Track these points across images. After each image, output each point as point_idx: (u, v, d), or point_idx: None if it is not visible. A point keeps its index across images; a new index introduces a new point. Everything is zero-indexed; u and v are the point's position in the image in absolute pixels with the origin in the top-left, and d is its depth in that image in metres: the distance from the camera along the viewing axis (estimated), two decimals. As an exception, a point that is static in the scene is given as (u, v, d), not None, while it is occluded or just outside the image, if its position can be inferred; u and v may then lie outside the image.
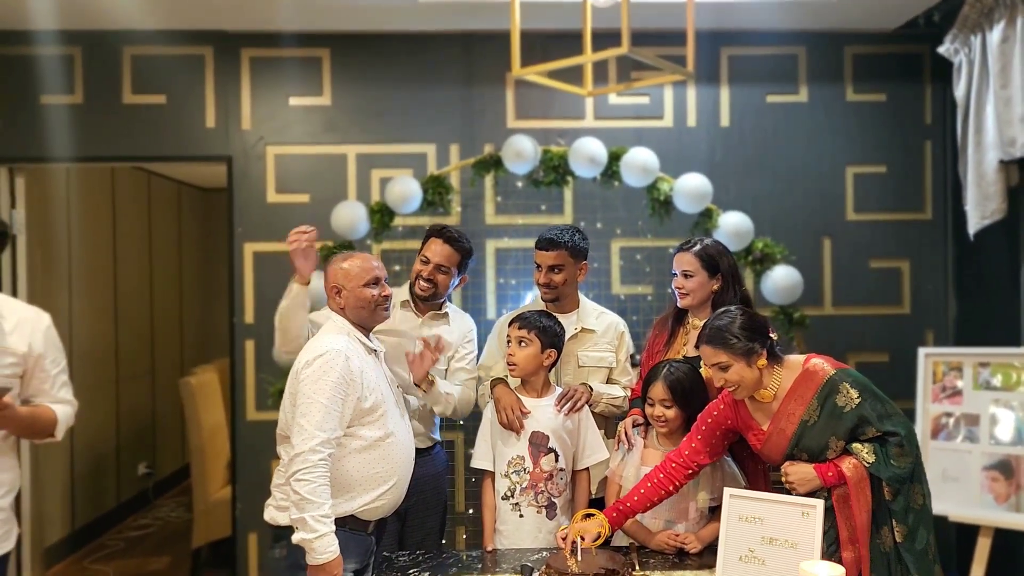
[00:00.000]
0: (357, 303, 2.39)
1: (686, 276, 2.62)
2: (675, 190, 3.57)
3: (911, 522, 2.11)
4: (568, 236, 2.74)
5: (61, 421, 2.31)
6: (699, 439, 2.31)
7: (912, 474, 2.12)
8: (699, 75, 3.83)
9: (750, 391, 2.20)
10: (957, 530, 3.60)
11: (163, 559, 4.71)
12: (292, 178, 3.87)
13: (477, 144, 3.86)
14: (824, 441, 2.14)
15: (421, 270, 2.79)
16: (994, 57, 3.24)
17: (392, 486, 2.36)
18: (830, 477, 2.12)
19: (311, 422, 2.20)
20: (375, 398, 2.32)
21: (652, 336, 2.79)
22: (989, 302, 3.71)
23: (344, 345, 2.30)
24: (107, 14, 3.53)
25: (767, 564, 2.05)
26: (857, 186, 3.97)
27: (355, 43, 3.86)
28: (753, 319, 2.21)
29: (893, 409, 2.16)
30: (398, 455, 2.38)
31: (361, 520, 2.35)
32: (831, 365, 2.18)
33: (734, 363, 2.15)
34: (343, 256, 2.48)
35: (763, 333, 2.19)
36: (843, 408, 2.12)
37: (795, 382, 2.18)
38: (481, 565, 2.29)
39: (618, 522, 2.28)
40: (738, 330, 2.16)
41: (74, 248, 4.83)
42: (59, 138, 3.77)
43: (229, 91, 3.85)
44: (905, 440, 2.10)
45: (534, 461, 2.50)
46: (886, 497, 2.10)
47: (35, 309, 2.32)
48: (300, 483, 2.17)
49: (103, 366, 5.18)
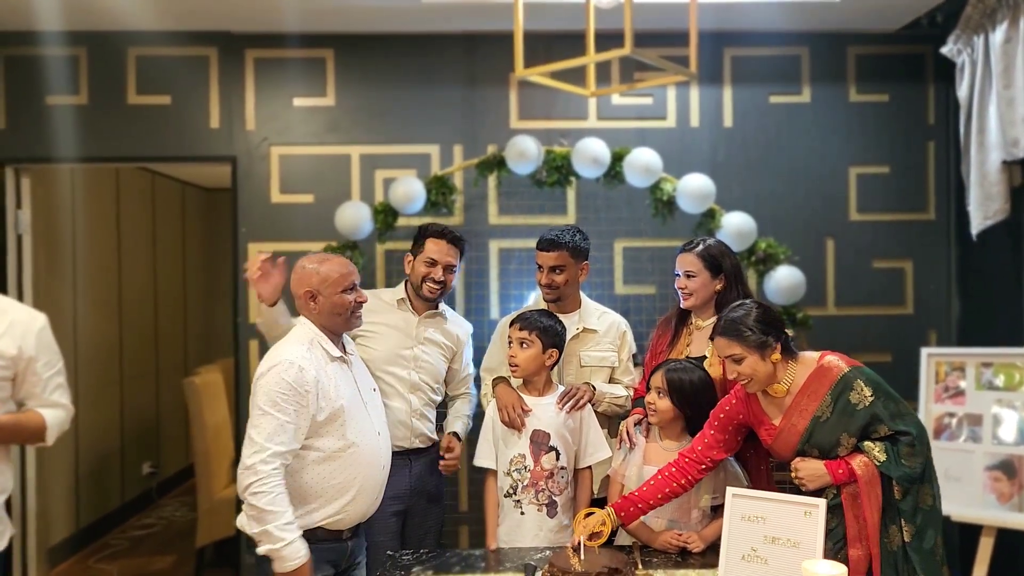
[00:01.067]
0: (333, 309, 2.33)
1: (689, 276, 2.62)
2: (678, 190, 3.58)
3: (919, 522, 2.11)
4: (569, 236, 2.74)
5: (51, 426, 2.25)
6: (712, 433, 2.31)
7: (923, 474, 2.12)
8: (702, 76, 3.83)
9: (763, 385, 2.20)
10: (960, 530, 3.60)
11: (167, 558, 4.72)
12: (296, 178, 3.88)
13: (480, 144, 3.87)
14: (835, 438, 2.15)
15: (430, 272, 2.78)
16: (997, 57, 3.24)
17: (353, 498, 2.31)
18: (840, 474, 2.12)
19: (261, 434, 2.15)
20: (332, 408, 2.26)
21: (655, 336, 2.81)
22: (992, 302, 3.71)
23: (299, 355, 2.23)
24: (112, 15, 3.55)
25: (769, 563, 2.05)
26: (860, 186, 3.97)
27: (359, 44, 3.87)
28: (769, 312, 2.22)
29: (906, 408, 2.16)
30: (360, 465, 2.32)
31: (331, 530, 2.31)
32: (845, 362, 2.19)
33: (748, 355, 2.16)
34: (317, 259, 2.38)
35: (778, 327, 2.19)
36: (856, 405, 2.13)
37: (809, 378, 2.19)
38: (484, 564, 2.30)
39: (626, 511, 2.27)
40: (753, 323, 2.16)
41: (79, 248, 4.85)
42: (64, 138, 3.79)
43: (233, 92, 3.86)
44: (917, 440, 2.11)
45: (535, 459, 2.51)
46: (896, 496, 2.10)
47: (29, 310, 2.28)
48: (256, 496, 2.12)
49: (107, 366, 5.20)
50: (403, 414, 2.75)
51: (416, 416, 2.77)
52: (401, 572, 2.26)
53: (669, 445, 2.45)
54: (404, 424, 2.75)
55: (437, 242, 2.80)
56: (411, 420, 2.75)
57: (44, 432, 2.25)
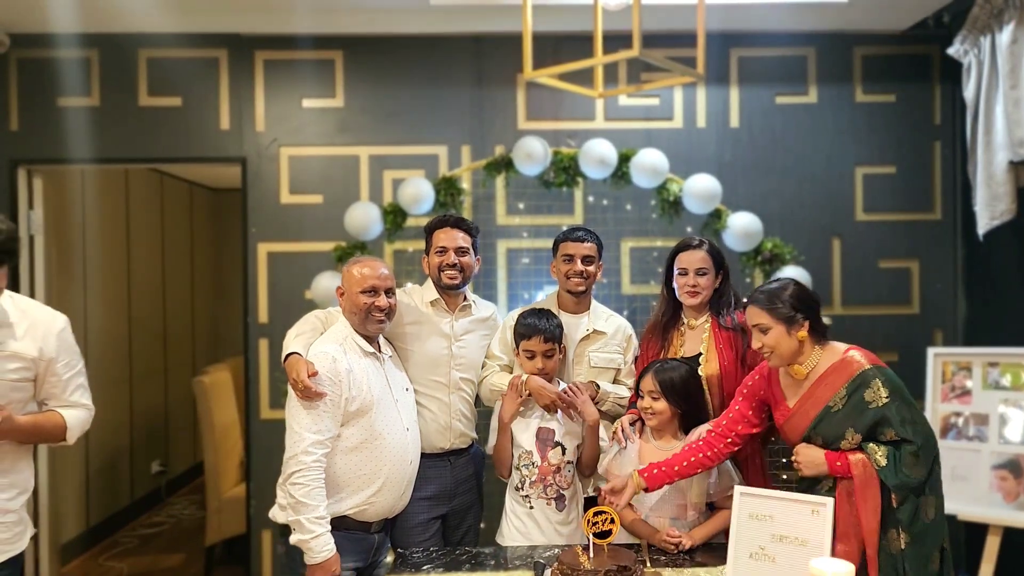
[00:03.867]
0: (351, 308, 2.47)
1: (700, 274, 2.63)
2: (684, 191, 3.59)
3: (917, 532, 2.09)
4: (593, 234, 2.80)
5: (72, 427, 2.27)
6: (736, 409, 2.35)
7: (924, 485, 2.10)
8: (709, 76, 3.85)
9: (785, 360, 2.22)
10: (966, 529, 3.61)
11: (176, 556, 4.75)
12: (305, 179, 3.91)
13: (488, 145, 3.89)
14: (841, 431, 2.15)
15: (443, 260, 2.74)
16: (1003, 58, 3.24)
17: (379, 489, 2.41)
18: (838, 467, 2.13)
19: (301, 424, 2.29)
20: (363, 400, 2.38)
21: (643, 346, 2.78)
22: (998, 302, 3.72)
23: (333, 348, 2.38)
24: (123, 17, 3.58)
25: (777, 561, 2.07)
26: (866, 186, 3.98)
27: (368, 46, 3.90)
28: (804, 291, 2.25)
29: (919, 417, 2.14)
30: (387, 457, 2.42)
31: (358, 520, 2.41)
32: (869, 360, 2.19)
33: (774, 327, 2.19)
34: (356, 260, 2.54)
35: (811, 307, 2.22)
36: (869, 404, 2.13)
37: (830, 368, 2.20)
38: (494, 561, 2.32)
39: (650, 474, 2.30)
40: (788, 297, 2.20)
41: (89, 248, 4.89)
42: (76, 140, 3.83)
43: (243, 93, 3.89)
44: (921, 450, 2.09)
45: (542, 455, 2.56)
46: (893, 504, 2.09)
47: (51, 311, 2.28)
48: (295, 487, 2.26)
49: (117, 365, 5.24)
50: (444, 417, 2.77)
51: (456, 417, 2.78)
52: (411, 571, 2.28)
53: (663, 445, 2.47)
54: (445, 426, 2.76)
55: (442, 231, 2.79)
56: (451, 422, 2.77)
57: (65, 432, 2.26)
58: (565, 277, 2.77)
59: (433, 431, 2.71)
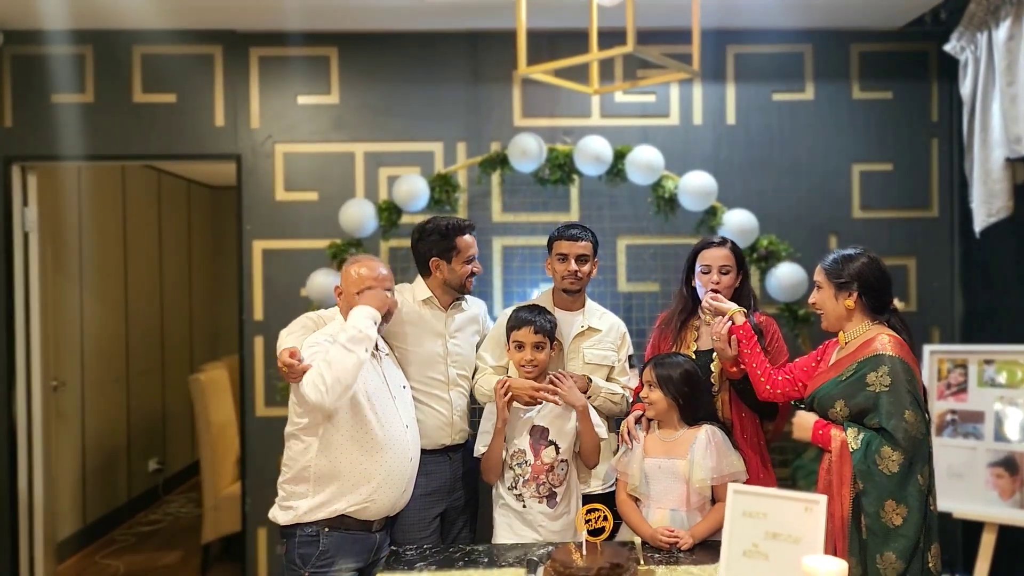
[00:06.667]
0: (346, 308, 2.48)
1: (725, 272, 2.67)
2: (680, 188, 3.59)
3: (877, 528, 2.10)
4: (589, 231, 2.80)
5: None
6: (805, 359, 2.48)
7: (898, 489, 2.10)
8: (705, 73, 3.84)
9: (831, 323, 2.34)
10: (962, 527, 3.61)
11: (173, 554, 4.75)
12: (300, 176, 3.90)
13: (484, 142, 3.88)
14: (833, 401, 2.22)
15: (471, 269, 2.79)
16: (1000, 55, 3.24)
17: (378, 486, 2.41)
18: (820, 435, 2.21)
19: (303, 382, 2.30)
20: (359, 393, 2.39)
21: (655, 336, 2.81)
22: (994, 300, 3.71)
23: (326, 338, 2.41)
24: (117, 14, 3.57)
25: (770, 559, 2.06)
26: (863, 183, 3.98)
27: (362, 42, 3.89)
28: (873, 267, 2.30)
29: (912, 417, 2.12)
30: (386, 453, 2.42)
31: (359, 520, 2.41)
32: (892, 349, 2.19)
33: (824, 287, 2.32)
34: (356, 260, 2.55)
35: (870, 283, 2.27)
36: (868, 385, 2.17)
37: (861, 343, 2.26)
38: (487, 559, 2.32)
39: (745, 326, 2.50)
40: (851, 265, 2.28)
41: (85, 246, 4.88)
42: (70, 136, 3.82)
43: (238, 90, 3.88)
44: (899, 449, 2.09)
45: (535, 454, 2.56)
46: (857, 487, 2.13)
47: None
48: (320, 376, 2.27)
49: (113, 362, 5.23)
50: (446, 414, 2.77)
51: (458, 413, 2.79)
52: (404, 568, 2.28)
53: (666, 435, 2.49)
54: (447, 423, 2.77)
55: (468, 239, 2.80)
56: (453, 418, 2.77)
57: None
58: (559, 276, 2.77)
59: (435, 428, 2.73)
